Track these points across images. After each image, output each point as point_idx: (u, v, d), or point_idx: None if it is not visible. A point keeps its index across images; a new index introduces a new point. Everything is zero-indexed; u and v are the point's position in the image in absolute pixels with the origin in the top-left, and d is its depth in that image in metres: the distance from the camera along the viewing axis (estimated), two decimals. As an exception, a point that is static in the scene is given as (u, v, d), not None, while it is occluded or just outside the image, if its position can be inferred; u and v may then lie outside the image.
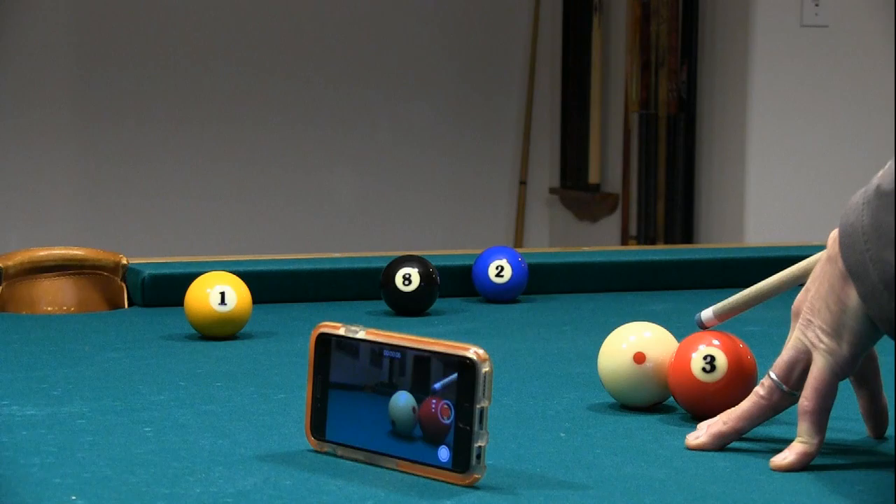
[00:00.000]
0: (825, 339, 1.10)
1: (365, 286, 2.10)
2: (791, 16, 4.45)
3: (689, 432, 1.19)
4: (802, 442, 1.11)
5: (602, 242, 5.28)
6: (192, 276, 1.82)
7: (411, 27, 5.71)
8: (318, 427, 1.14)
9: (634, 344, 1.31)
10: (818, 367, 1.10)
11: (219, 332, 1.75)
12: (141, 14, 5.41)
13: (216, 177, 5.54)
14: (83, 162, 5.41)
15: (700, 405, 1.26)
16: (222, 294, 1.74)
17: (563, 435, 1.23)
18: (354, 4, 5.65)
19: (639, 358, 1.32)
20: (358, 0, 5.66)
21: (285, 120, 5.59)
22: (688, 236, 4.80)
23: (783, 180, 4.51)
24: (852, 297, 1.08)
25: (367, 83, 5.66)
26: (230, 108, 5.52)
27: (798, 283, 1.23)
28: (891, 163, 1.05)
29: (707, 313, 1.30)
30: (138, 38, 5.40)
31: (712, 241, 4.65)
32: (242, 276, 1.86)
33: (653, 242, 4.95)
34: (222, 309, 1.74)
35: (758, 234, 4.47)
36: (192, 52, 5.45)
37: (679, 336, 1.33)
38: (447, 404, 1.04)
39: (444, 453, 1.05)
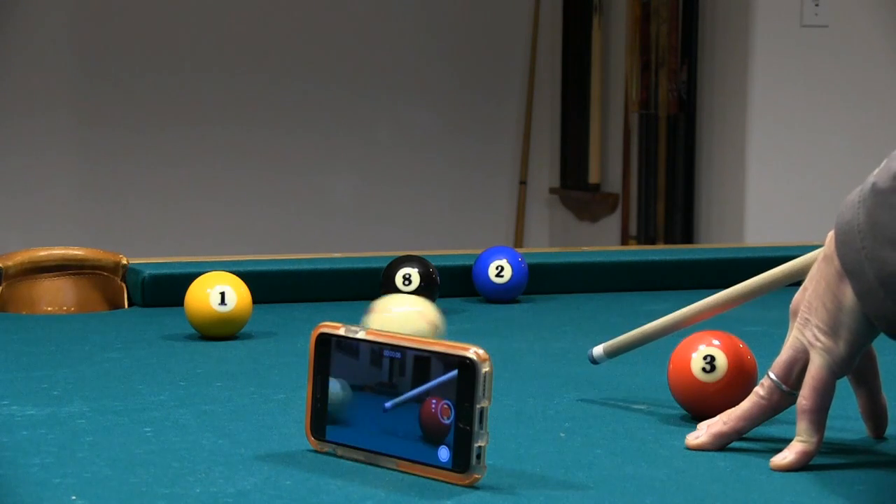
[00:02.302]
0: (822, 338, 1.10)
1: (365, 286, 2.10)
2: (791, 16, 4.45)
3: (689, 432, 1.19)
4: (802, 441, 1.11)
5: (602, 242, 5.28)
6: (192, 276, 1.82)
7: (412, 27, 5.71)
8: (318, 427, 1.14)
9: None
10: (816, 366, 1.10)
11: (219, 332, 1.75)
12: (141, 16, 5.41)
13: (216, 177, 5.54)
14: (83, 162, 5.41)
15: (700, 405, 1.26)
16: (222, 294, 1.74)
17: (563, 435, 1.23)
18: (354, 4, 5.65)
19: None
20: (358, 1, 5.66)
21: (285, 121, 5.59)
22: (688, 236, 4.80)
23: (783, 180, 4.51)
24: (848, 295, 1.08)
25: (366, 82, 5.66)
26: (231, 108, 5.52)
27: (734, 304, 1.26)
28: (886, 160, 1.05)
29: (598, 350, 1.36)
30: (138, 39, 5.40)
31: (712, 241, 4.65)
32: (242, 276, 1.86)
33: (653, 242, 4.95)
34: (222, 309, 1.74)
35: (758, 234, 4.47)
36: (193, 52, 5.45)
37: (680, 336, 1.33)
38: (447, 404, 1.04)
39: (444, 453, 1.05)
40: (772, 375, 1.14)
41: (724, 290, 1.29)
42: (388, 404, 1.08)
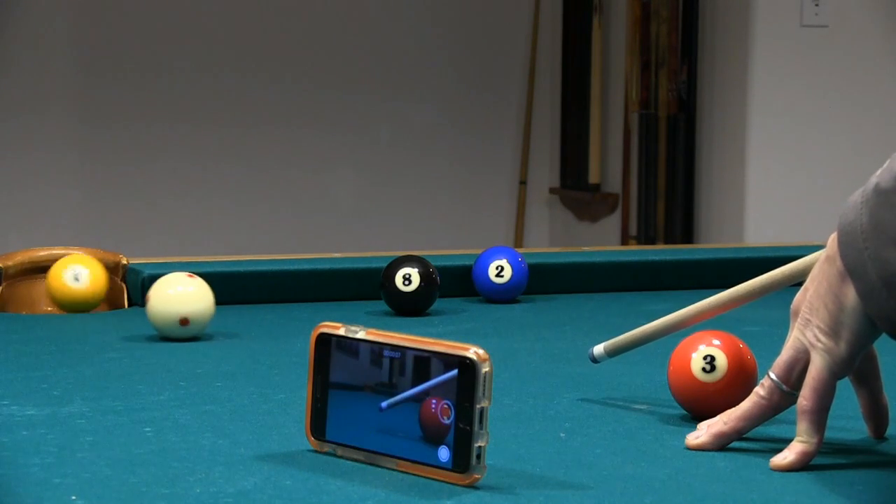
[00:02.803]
0: (823, 339, 1.10)
1: (365, 286, 2.10)
2: (791, 16, 4.45)
3: (689, 432, 1.19)
4: (802, 441, 1.11)
5: (602, 242, 5.28)
6: (191, 277, 1.81)
7: (411, 27, 5.71)
8: (318, 427, 1.14)
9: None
10: (816, 367, 1.10)
11: (77, 307, 1.97)
12: (141, 15, 5.41)
13: (216, 177, 5.54)
14: (83, 162, 5.41)
15: (700, 405, 1.26)
16: (76, 273, 1.96)
17: (563, 435, 1.23)
18: (354, 3, 5.65)
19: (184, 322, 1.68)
20: (358, 0, 5.66)
21: (285, 120, 5.59)
22: (688, 236, 4.80)
23: (783, 180, 4.51)
24: (850, 295, 1.08)
25: (366, 83, 5.66)
26: (230, 108, 5.52)
27: (730, 306, 1.26)
28: (889, 161, 1.05)
29: (599, 349, 1.36)
30: (138, 38, 5.40)
31: (712, 241, 4.65)
32: (242, 276, 1.86)
33: (653, 242, 4.95)
34: (76, 285, 1.96)
35: (758, 234, 4.47)
36: (193, 52, 5.45)
37: (680, 336, 1.33)
38: (447, 404, 1.04)
39: (444, 453, 1.05)
40: (772, 376, 1.14)
41: (725, 291, 1.29)
42: (384, 404, 1.08)
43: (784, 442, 1.13)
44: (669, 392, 1.30)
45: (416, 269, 1.94)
